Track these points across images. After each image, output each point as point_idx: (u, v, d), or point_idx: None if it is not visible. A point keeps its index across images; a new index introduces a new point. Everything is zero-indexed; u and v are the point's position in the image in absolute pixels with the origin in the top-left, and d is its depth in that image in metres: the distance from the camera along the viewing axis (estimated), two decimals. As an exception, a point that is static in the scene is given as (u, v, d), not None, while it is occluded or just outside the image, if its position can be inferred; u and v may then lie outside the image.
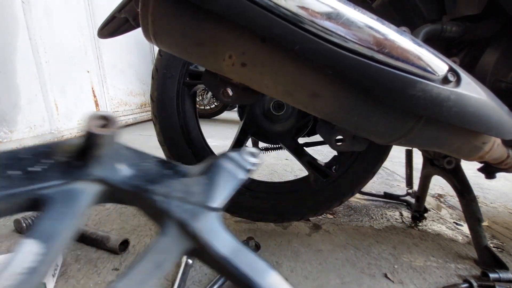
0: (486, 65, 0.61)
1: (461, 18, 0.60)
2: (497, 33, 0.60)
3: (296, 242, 0.80)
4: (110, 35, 0.62)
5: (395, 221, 0.97)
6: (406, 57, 0.39)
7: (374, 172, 0.78)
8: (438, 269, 0.71)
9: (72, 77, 2.07)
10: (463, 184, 0.79)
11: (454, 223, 0.99)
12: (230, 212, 0.80)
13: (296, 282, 0.64)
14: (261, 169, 1.52)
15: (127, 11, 0.52)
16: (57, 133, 1.90)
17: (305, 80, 0.43)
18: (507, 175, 1.63)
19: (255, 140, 0.88)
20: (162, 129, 0.73)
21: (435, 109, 0.41)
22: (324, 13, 0.37)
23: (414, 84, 0.40)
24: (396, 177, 1.52)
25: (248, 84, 0.46)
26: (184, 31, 0.40)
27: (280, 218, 0.80)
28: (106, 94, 2.48)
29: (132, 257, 0.70)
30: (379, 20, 0.40)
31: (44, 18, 1.80)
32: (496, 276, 0.65)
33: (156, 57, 0.72)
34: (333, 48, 0.37)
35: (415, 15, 0.64)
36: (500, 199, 1.28)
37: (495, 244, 0.86)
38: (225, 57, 0.42)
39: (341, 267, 0.70)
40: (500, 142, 0.54)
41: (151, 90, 0.73)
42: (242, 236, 0.82)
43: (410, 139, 0.48)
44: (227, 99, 0.51)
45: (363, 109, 0.45)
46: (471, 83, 0.43)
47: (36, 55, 1.73)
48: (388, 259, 0.74)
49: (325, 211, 0.85)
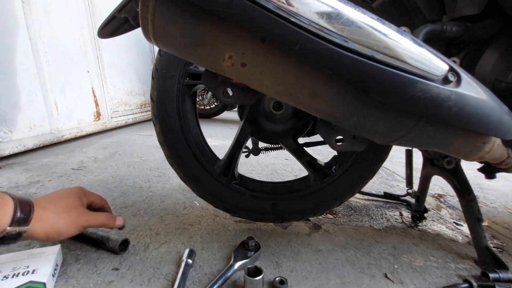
0: (486, 65, 0.61)
1: (461, 18, 0.60)
2: (497, 33, 0.60)
3: (296, 242, 0.80)
4: (110, 35, 0.62)
5: (395, 221, 0.97)
6: (406, 57, 0.39)
7: (374, 172, 0.78)
8: (438, 269, 0.71)
9: (72, 77, 2.07)
10: (463, 184, 0.79)
11: (454, 223, 0.99)
12: (230, 212, 0.80)
13: (296, 282, 0.64)
14: (261, 169, 1.52)
15: (127, 11, 0.52)
16: (57, 133, 1.90)
17: (305, 80, 0.43)
18: (507, 175, 1.63)
19: (255, 140, 0.88)
20: (162, 129, 0.73)
21: (435, 109, 0.41)
22: (324, 13, 0.37)
23: (414, 84, 0.40)
24: (396, 177, 1.52)
25: (248, 84, 0.46)
26: (184, 31, 0.40)
27: (280, 218, 0.80)
28: (106, 94, 2.48)
29: (132, 257, 0.70)
30: (379, 20, 0.40)
31: (44, 18, 1.80)
32: (496, 276, 0.65)
33: (156, 57, 0.72)
34: (333, 48, 0.37)
35: (415, 15, 0.64)
36: (500, 199, 1.28)
37: (495, 244, 0.87)
38: (225, 57, 0.42)
39: (341, 267, 0.70)
40: (500, 142, 0.54)
41: (151, 90, 0.73)
42: (242, 236, 0.82)
43: (410, 139, 0.48)
44: (227, 99, 0.51)
45: (363, 109, 0.45)
46: (472, 83, 0.43)
47: (36, 55, 1.73)
48: (388, 259, 0.74)
49: (325, 211, 0.85)
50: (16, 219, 0.47)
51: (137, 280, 0.62)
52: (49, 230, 0.51)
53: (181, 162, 0.76)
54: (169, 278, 0.63)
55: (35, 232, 0.50)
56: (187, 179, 0.77)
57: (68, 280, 0.61)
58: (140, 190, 1.15)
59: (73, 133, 2.05)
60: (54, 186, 1.18)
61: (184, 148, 0.75)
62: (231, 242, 0.79)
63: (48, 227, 0.51)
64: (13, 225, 0.47)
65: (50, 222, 0.52)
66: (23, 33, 1.64)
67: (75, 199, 0.58)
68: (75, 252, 0.71)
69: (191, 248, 0.70)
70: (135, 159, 1.63)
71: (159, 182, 1.25)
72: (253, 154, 0.87)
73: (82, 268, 0.65)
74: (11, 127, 1.56)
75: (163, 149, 0.76)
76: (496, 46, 0.61)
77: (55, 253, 0.63)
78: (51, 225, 0.52)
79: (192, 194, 1.10)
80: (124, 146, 1.99)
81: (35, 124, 1.72)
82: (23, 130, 1.64)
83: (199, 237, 0.81)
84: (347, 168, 0.77)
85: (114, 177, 1.30)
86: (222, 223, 0.89)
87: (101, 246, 0.72)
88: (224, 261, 0.70)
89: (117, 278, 0.62)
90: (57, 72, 1.91)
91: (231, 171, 0.78)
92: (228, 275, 0.62)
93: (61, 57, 1.95)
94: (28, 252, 0.63)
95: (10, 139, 1.56)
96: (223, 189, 0.78)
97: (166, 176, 1.33)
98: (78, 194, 0.59)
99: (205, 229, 0.85)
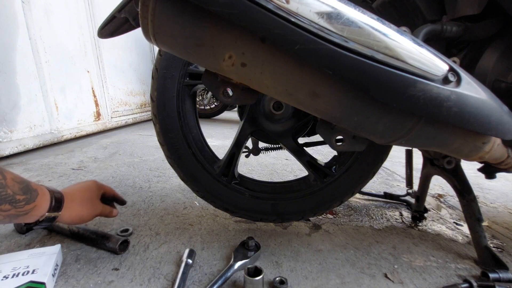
0: (486, 65, 0.61)
1: (461, 18, 0.60)
2: (497, 33, 0.60)
3: (296, 242, 0.80)
4: (110, 35, 0.62)
5: (395, 221, 0.97)
6: (406, 57, 0.39)
7: (374, 172, 0.78)
8: (438, 269, 0.71)
9: (72, 77, 2.07)
10: (463, 184, 0.79)
11: (454, 223, 0.99)
12: (230, 212, 0.80)
13: (296, 282, 0.64)
14: (261, 169, 1.52)
15: (127, 11, 0.52)
16: (57, 133, 1.90)
17: (305, 80, 0.43)
18: (507, 175, 1.63)
19: (255, 140, 0.88)
20: (162, 129, 0.73)
21: (435, 109, 0.41)
22: (324, 13, 0.37)
23: (414, 84, 0.40)
24: (396, 177, 1.52)
25: (248, 84, 0.46)
26: (184, 31, 0.40)
27: (280, 218, 0.80)
28: (106, 94, 2.48)
29: (132, 257, 0.70)
30: (379, 20, 0.40)
31: (44, 18, 1.80)
32: (496, 276, 0.65)
33: (156, 57, 0.72)
34: (333, 48, 0.37)
35: (415, 15, 0.64)
36: (500, 199, 1.28)
37: (495, 244, 0.86)
38: (225, 57, 0.42)
39: (341, 267, 0.70)
40: (500, 142, 0.54)
41: (151, 90, 0.73)
42: (242, 236, 0.82)
43: (410, 139, 0.48)
44: (227, 99, 0.51)
45: (363, 109, 0.45)
46: (472, 83, 0.44)
47: (36, 55, 1.73)
48: (388, 259, 0.74)
49: (325, 211, 0.85)
50: (52, 206, 0.60)
51: (137, 280, 0.62)
52: (73, 217, 0.65)
53: (181, 162, 0.76)
54: (169, 278, 0.63)
55: (63, 217, 0.63)
56: (187, 179, 0.77)
57: (68, 280, 0.61)
58: (140, 190, 1.15)
59: (73, 133, 2.05)
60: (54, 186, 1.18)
61: (184, 148, 0.75)
62: (231, 242, 0.79)
63: (73, 214, 0.65)
64: (50, 211, 0.60)
65: (76, 210, 0.66)
66: (23, 33, 1.64)
67: (93, 192, 0.72)
68: (75, 252, 0.71)
69: (191, 248, 0.70)
70: (135, 159, 1.63)
71: (159, 182, 1.25)
72: (253, 154, 0.87)
73: (82, 268, 0.65)
74: (11, 127, 1.56)
75: (163, 149, 0.76)
76: (496, 46, 0.61)
77: (55, 253, 0.63)
78: (75, 213, 0.65)
79: (192, 194, 1.10)
80: (124, 146, 1.99)
81: (35, 124, 1.72)
82: (23, 130, 1.64)
83: (199, 237, 0.81)
84: (347, 168, 0.77)
85: (114, 177, 1.30)
86: (222, 223, 0.89)
87: (101, 246, 0.72)
88: (224, 261, 0.70)
89: (117, 278, 0.62)
90: (57, 72, 1.91)
91: (231, 171, 0.78)
92: (228, 275, 0.62)
93: (61, 57, 1.95)
94: (28, 252, 0.63)
95: (10, 139, 1.56)
96: (223, 189, 0.78)
97: (166, 176, 1.33)
98: (95, 188, 0.73)
99: (205, 229, 0.85)
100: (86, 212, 0.68)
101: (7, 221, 0.54)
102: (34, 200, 0.56)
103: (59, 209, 0.62)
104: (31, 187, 0.56)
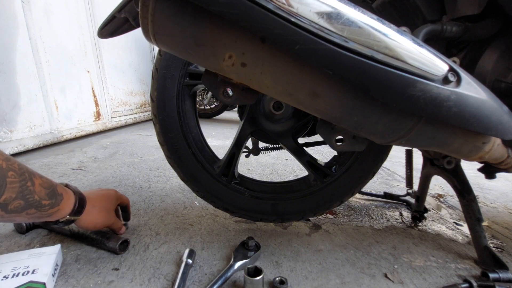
0: (486, 65, 0.61)
1: (461, 18, 0.60)
2: (497, 33, 0.60)
3: (296, 242, 0.80)
4: (110, 35, 0.62)
5: (395, 221, 0.97)
6: (406, 57, 0.39)
7: (374, 172, 0.78)
8: (438, 269, 0.71)
9: (72, 77, 2.07)
10: (463, 184, 0.79)
11: (454, 223, 0.99)
12: (230, 212, 0.80)
13: (296, 282, 0.64)
14: (261, 169, 1.52)
15: (127, 11, 0.52)
16: (57, 133, 1.90)
17: (305, 80, 0.43)
18: (507, 175, 1.63)
19: (255, 140, 0.88)
20: (162, 129, 0.74)
21: (435, 109, 0.41)
22: (324, 13, 0.37)
23: (414, 84, 0.40)
24: (396, 177, 1.52)
25: (248, 84, 0.46)
26: (184, 31, 0.40)
27: (280, 218, 0.80)
28: (106, 94, 2.48)
29: (132, 257, 0.70)
30: (379, 20, 0.40)
31: (44, 18, 1.80)
32: (496, 276, 0.65)
33: (156, 57, 0.72)
34: (333, 48, 0.37)
35: (415, 15, 0.64)
36: (500, 199, 1.28)
37: (495, 244, 0.87)
38: (225, 57, 0.42)
39: (341, 267, 0.70)
40: (500, 142, 0.54)
41: (151, 90, 0.73)
42: (242, 236, 0.82)
43: (410, 139, 0.48)
44: (227, 99, 0.51)
45: (363, 109, 0.45)
46: (472, 83, 0.44)
47: (36, 55, 1.73)
48: (388, 259, 0.74)
49: (325, 211, 0.85)
50: (74, 210, 0.63)
51: (137, 280, 0.62)
52: (89, 222, 0.68)
53: (181, 162, 0.76)
54: (169, 278, 0.63)
55: (80, 221, 0.66)
56: (187, 179, 0.77)
57: (68, 280, 0.61)
58: (140, 190, 1.15)
59: (73, 133, 2.05)
60: (54, 186, 1.18)
61: (184, 148, 0.75)
62: (231, 242, 0.79)
63: (90, 220, 0.68)
64: (71, 214, 0.63)
65: (93, 217, 0.68)
66: (23, 33, 1.64)
67: (112, 202, 0.75)
68: (75, 252, 0.71)
69: (191, 248, 0.70)
70: (135, 159, 1.63)
71: (159, 182, 1.25)
72: (253, 154, 0.87)
73: (82, 268, 0.65)
74: (11, 127, 1.56)
75: (163, 149, 0.76)
76: (496, 46, 0.61)
77: (55, 253, 0.63)
78: (92, 219, 0.68)
79: (192, 194, 1.10)
80: (124, 146, 1.99)
81: (35, 124, 1.72)
82: (23, 130, 1.64)
83: (199, 237, 0.81)
84: (347, 168, 0.77)
85: (114, 177, 1.30)
86: (222, 223, 0.89)
87: (101, 246, 0.72)
88: (224, 261, 0.70)
89: (117, 278, 0.62)
90: (57, 72, 1.91)
91: (231, 171, 0.78)
92: (228, 275, 0.63)
93: (61, 57, 1.95)
94: (28, 252, 0.63)
95: (10, 139, 1.56)
96: (223, 189, 0.78)
97: (166, 176, 1.33)
98: (114, 198, 0.76)
99: (205, 229, 0.85)
100: (101, 221, 0.70)
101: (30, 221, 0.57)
102: (58, 205, 0.59)
103: (79, 213, 0.65)
104: (57, 191, 0.59)
